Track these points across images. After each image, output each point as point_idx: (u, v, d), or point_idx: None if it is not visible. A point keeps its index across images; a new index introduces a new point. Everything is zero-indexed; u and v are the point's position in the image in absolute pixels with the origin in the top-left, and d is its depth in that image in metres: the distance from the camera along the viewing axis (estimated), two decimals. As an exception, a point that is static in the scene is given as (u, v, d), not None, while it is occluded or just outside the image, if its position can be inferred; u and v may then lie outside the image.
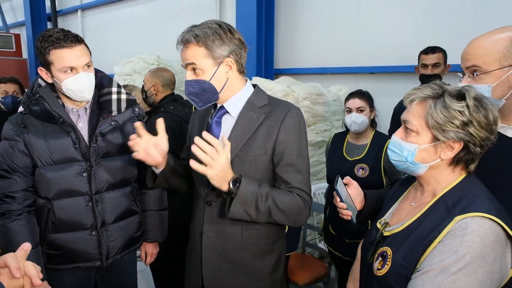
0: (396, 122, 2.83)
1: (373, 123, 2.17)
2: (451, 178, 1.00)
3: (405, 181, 1.21)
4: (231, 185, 1.17)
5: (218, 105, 1.35)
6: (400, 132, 1.04)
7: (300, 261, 2.62)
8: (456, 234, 0.87)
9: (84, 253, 1.52)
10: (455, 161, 0.97)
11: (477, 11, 3.10)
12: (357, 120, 2.07)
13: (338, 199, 1.23)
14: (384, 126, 2.80)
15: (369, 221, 2.04)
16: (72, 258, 1.52)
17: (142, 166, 1.70)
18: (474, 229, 0.86)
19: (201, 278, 1.36)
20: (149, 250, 1.78)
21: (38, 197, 1.49)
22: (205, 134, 1.14)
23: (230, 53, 1.24)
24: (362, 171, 2.07)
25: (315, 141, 3.22)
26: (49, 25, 7.65)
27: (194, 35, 1.21)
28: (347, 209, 1.23)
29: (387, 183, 2.08)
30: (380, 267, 1.00)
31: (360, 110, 2.09)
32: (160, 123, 1.31)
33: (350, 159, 2.12)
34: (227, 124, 1.33)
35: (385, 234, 1.06)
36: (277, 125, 1.26)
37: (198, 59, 1.23)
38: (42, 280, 1.47)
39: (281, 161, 1.27)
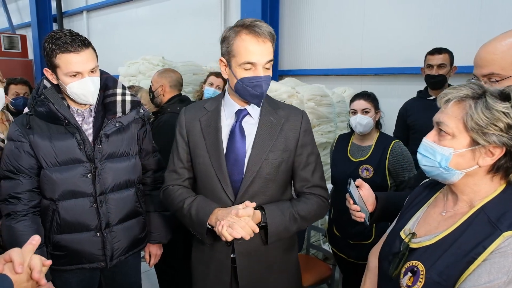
0: (401, 123, 2.82)
1: (378, 125, 2.16)
2: (490, 187, 0.90)
3: (428, 185, 1.11)
4: (258, 226, 1.24)
5: (236, 108, 1.33)
6: (432, 134, 0.94)
7: (304, 262, 2.61)
8: (508, 252, 0.79)
9: (89, 254, 1.53)
10: (494, 169, 0.88)
11: (482, 13, 3.08)
12: (362, 121, 2.06)
13: (351, 201, 1.21)
14: (388, 127, 2.79)
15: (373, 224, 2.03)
16: (76, 259, 1.53)
17: (146, 167, 1.72)
18: None
19: (231, 286, 1.36)
20: (153, 251, 1.78)
21: (43, 198, 1.50)
22: (241, 212, 1.19)
23: None
24: (366, 172, 2.06)
25: (320, 143, 3.21)
26: (55, 26, 7.70)
27: (273, 32, 1.24)
28: (360, 211, 1.21)
29: (391, 184, 2.08)
30: (410, 284, 0.91)
31: (365, 111, 2.08)
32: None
33: (355, 160, 2.11)
34: (248, 128, 1.33)
35: (412, 246, 0.96)
36: (297, 129, 1.35)
37: (273, 55, 1.27)
38: (46, 281, 1.48)
39: (302, 161, 1.37)
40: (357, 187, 1.26)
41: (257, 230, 1.21)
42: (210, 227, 1.27)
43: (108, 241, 1.55)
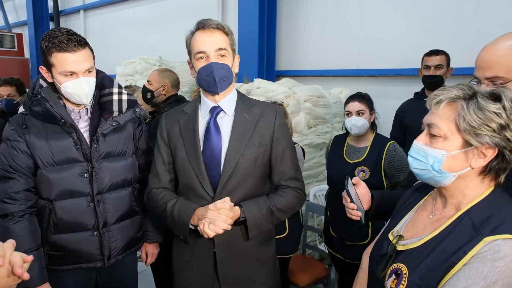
0: (398, 124, 2.83)
1: (373, 126, 2.17)
2: (479, 190, 0.90)
3: (418, 188, 1.11)
4: (238, 221, 1.32)
5: (210, 105, 1.38)
6: (423, 137, 0.93)
7: (300, 262, 2.62)
8: (486, 257, 0.79)
9: (86, 253, 1.53)
10: (486, 170, 0.88)
11: (479, 15, 3.09)
12: (357, 123, 2.07)
13: (348, 200, 1.21)
14: (386, 128, 2.80)
15: (370, 223, 2.04)
16: (74, 259, 1.52)
17: (142, 167, 1.72)
18: (507, 253, 0.78)
19: (214, 277, 1.40)
20: (150, 251, 1.78)
21: (39, 198, 1.49)
22: (219, 205, 1.28)
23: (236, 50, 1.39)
24: (362, 173, 2.07)
25: (316, 143, 3.22)
26: (51, 25, 7.66)
27: (223, 25, 1.33)
28: (356, 209, 1.21)
29: (387, 185, 2.08)
30: (394, 286, 0.91)
31: (360, 113, 2.08)
32: None
33: (351, 162, 2.12)
34: (224, 125, 1.38)
35: (399, 248, 0.96)
36: (271, 124, 1.39)
37: (226, 45, 1.33)
38: (44, 281, 1.48)
39: (278, 155, 1.41)
40: (354, 185, 1.26)
41: (232, 221, 1.28)
42: (192, 227, 1.33)
43: (105, 241, 1.54)
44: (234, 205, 1.31)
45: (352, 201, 1.20)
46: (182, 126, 1.42)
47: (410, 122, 2.71)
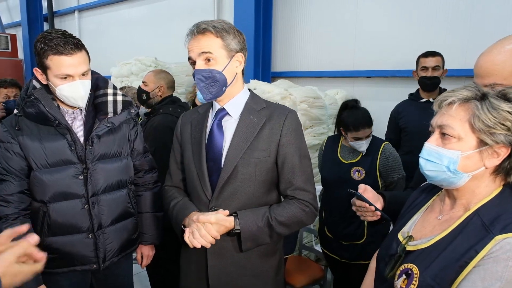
0: (393, 126, 2.83)
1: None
2: (489, 189, 0.91)
3: (425, 189, 1.11)
4: (232, 232, 1.26)
5: (217, 107, 1.35)
6: (434, 139, 0.93)
7: (296, 263, 2.62)
8: (499, 257, 0.79)
9: (81, 256, 1.51)
10: (499, 169, 0.89)
11: (473, 17, 3.12)
12: (367, 145, 2.06)
13: (367, 204, 1.22)
14: (380, 130, 2.81)
15: (365, 223, 2.04)
16: (68, 261, 1.51)
17: (137, 168, 1.71)
18: None
19: (207, 285, 1.35)
20: (145, 253, 1.77)
21: (33, 200, 1.48)
22: (201, 218, 1.21)
23: (241, 49, 1.28)
24: (358, 174, 2.08)
25: (312, 144, 3.23)
26: (46, 25, 7.62)
27: (212, 26, 1.23)
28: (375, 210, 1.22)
29: (382, 185, 2.09)
30: (404, 286, 0.91)
31: (367, 136, 2.07)
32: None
33: (346, 162, 2.12)
34: (229, 126, 1.33)
35: (409, 248, 0.96)
36: (279, 128, 1.29)
37: (214, 48, 1.23)
38: (38, 284, 1.46)
39: (285, 162, 1.30)
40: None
41: (218, 237, 1.22)
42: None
43: (100, 243, 1.53)
44: (231, 213, 1.26)
45: (370, 204, 1.22)
46: (194, 126, 1.39)
47: (405, 123, 2.71)
